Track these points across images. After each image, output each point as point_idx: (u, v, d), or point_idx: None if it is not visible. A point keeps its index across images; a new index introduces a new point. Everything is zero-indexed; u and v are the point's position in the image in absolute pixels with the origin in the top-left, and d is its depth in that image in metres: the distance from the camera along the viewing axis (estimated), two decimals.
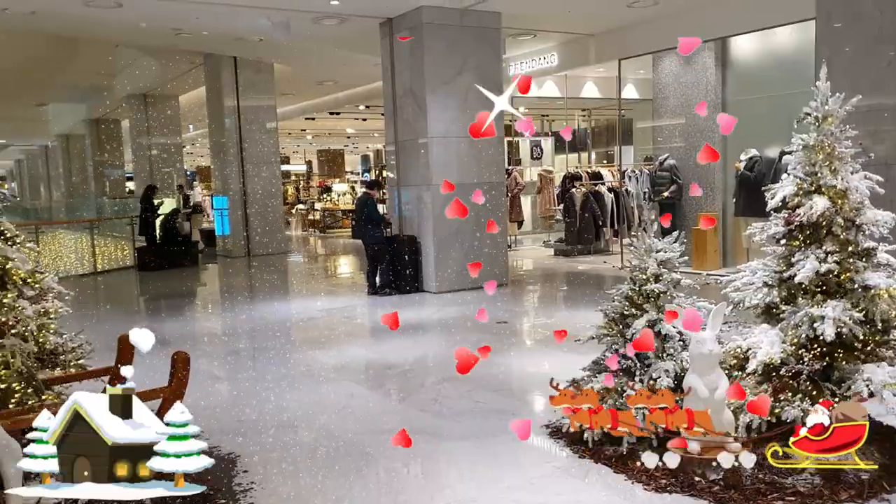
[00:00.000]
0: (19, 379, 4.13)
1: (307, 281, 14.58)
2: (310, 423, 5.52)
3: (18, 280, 4.70)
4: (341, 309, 10.73)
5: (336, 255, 19.43)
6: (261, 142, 17.35)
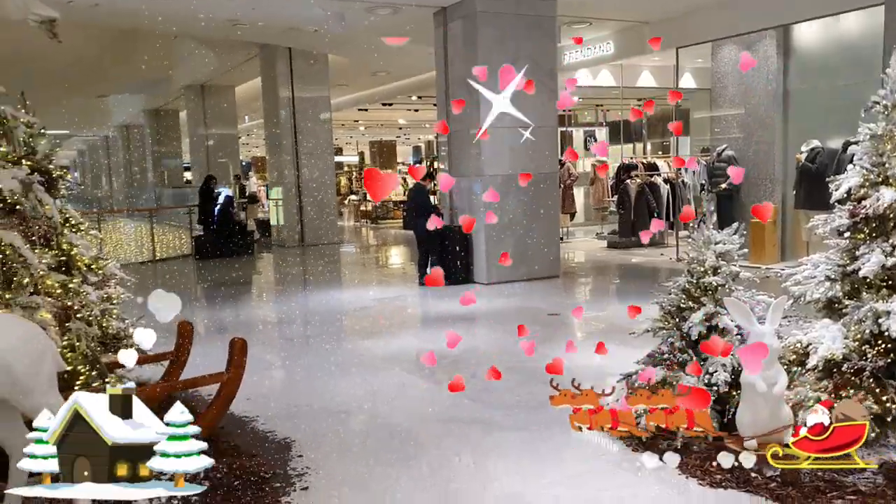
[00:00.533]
0: (84, 362, 4.26)
1: (359, 271, 14.71)
2: (361, 411, 5.57)
3: (83, 266, 4.84)
4: (392, 298, 10.79)
5: (387, 246, 19.56)
6: (315, 133, 17.53)
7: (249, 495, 4.00)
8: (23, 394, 3.23)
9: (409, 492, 4.12)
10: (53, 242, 4.57)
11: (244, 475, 4.23)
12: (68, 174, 5.15)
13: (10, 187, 3.95)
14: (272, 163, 18.27)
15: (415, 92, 21.98)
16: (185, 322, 5.38)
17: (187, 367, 5.58)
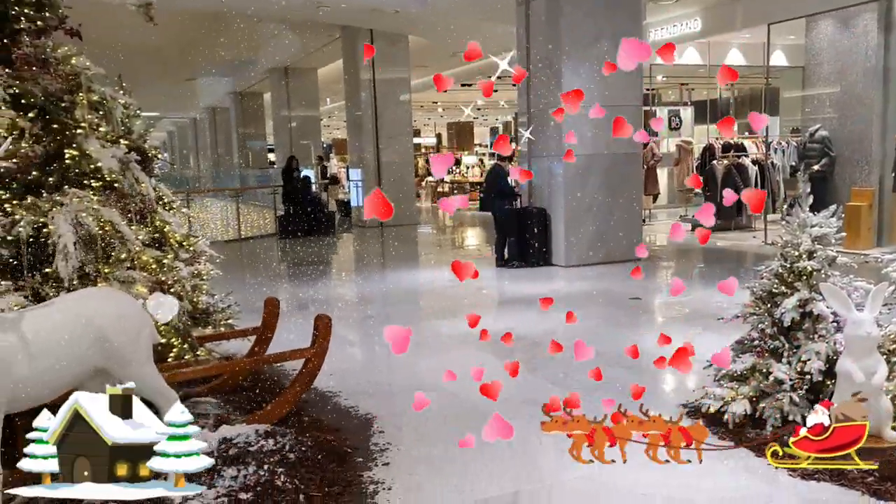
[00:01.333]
0: (176, 335, 4.42)
1: (436, 252, 14.77)
2: (440, 389, 5.56)
3: (175, 243, 5.00)
4: (470, 280, 10.78)
5: (464, 227, 19.57)
6: (394, 114, 17.64)
7: (333, 468, 4.08)
8: (121, 365, 3.37)
9: (490, 471, 4.12)
10: (148, 220, 4.74)
11: (328, 448, 4.31)
12: (160, 153, 5.33)
13: (109, 166, 4.11)
14: (352, 144, 18.49)
15: (494, 72, 21.81)
16: (272, 298, 5.52)
17: (273, 343, 5.72)
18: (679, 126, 18.60)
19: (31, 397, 3.11)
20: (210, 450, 3.99)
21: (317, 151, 23.36)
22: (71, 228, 3.78)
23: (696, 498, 3.72)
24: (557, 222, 11.23)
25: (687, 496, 3.74)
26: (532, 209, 11.48)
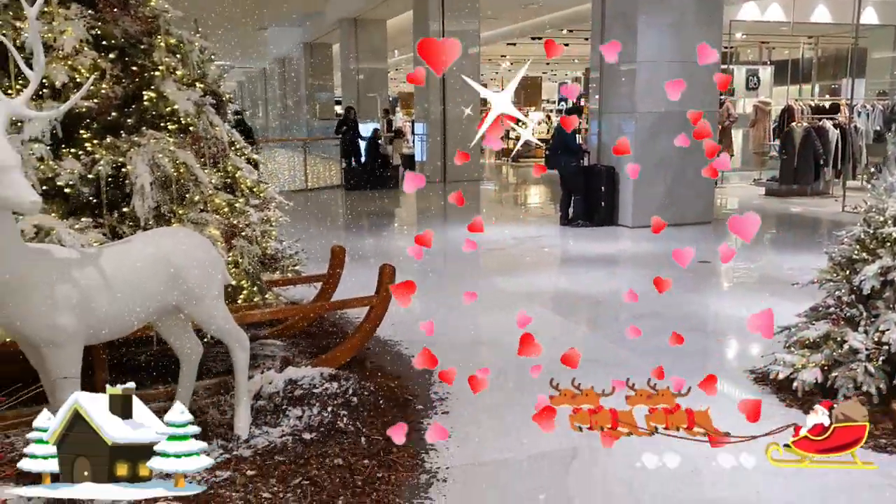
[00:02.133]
0: (246, 278, 4.50)
1: (498, 208, 14.70)
2: (500, 344, 5.61)
3: (246, 188, 5.07)
4: (532, 238, 10.72)
5: (528, 185, 19.40)
6: (462, 68, 17.43)
7: (393, 414, 4.15)
8: (194, 302, 3.47)
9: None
10: (220, 164, 4.81)
11: (389, 395, 4.38)
12: (232, 99, 5.39)
13: (185, 108, 4.18)
14: (419, 98, 18.40)
15: (566, 25, 21.33)
16: (339, 246, 5.58)
17: (337, 290, 5.80)
18: (757, 86, 17.90)
19: (110, 331, 3.23)
20: (277, 390, 4.11)
21: (383, 105, 23.34)
22: (147, 169, 3.87)
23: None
24: (626, 181, 11.01)
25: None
26: (600, 167, 11.28)
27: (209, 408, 4.09)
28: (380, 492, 3.31)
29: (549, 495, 3.35)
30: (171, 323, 3.67)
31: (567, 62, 32.72)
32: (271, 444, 3.65)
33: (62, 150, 3.95)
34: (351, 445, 3.68)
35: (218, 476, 3.33)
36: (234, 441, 3.66)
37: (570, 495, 3.40)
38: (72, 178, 3.82)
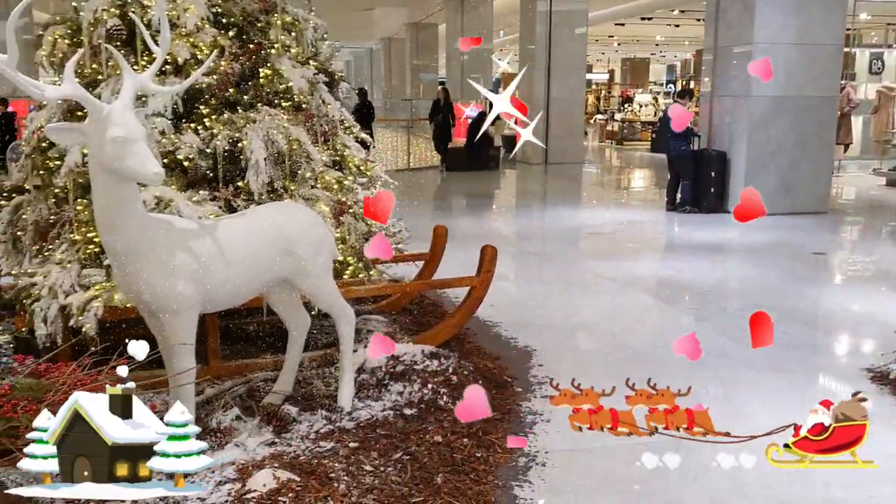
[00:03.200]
0: (353, 254, 4.58)
1: (601, 192, 14.42)
2: (602, 329, 5.51)
3: (353, 166, 5.16)
4: (635, 222, 10.47)
5: (632, 168, 18.95)
6: (568, 48, 17.15)
7: (493, 394, 4.15)
8: (304, 276, 3.56)
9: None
10: (330, 142, 4.90)
11: (487, 375, 4.38)
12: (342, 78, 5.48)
13: (299, 86, 4.28)
14: (523, 79, 18.21)
15: (678, 5, 20.61)
16: (441, 226, 5.61)
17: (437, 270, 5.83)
18: (881, 70, 16.82)
19: (224, 301, 3.36)
20: (379, 365, 4.18)
21: (486, 85, 23.26)
22: (262, 145, 3.99)
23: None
24: (737, 167, 10.57)
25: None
26: (710, 151, 10.87)
27: (314, 379, 4.21)
28: (478, 471, 3.32)
29: (644, 486, 3.27)
30: (281, 295, 3.78)
31: (678, 43, 31.67)
32: (373, 418, 3.71)
33: (182, 124, 4.11)
34: (450, 423, 3.70)
35: (322, 446, 3.41)
36: (337, 413, 3.75)
37: (668, 485, 3.31)
38: (191, 152, 3.97)
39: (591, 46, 31.27)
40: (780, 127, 10.26)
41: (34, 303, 3.75)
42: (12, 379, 2.23)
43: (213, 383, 4.10)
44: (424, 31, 28.40)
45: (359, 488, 3.10)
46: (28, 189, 4.29)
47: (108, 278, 3.71)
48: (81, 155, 3.83)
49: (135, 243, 2.93)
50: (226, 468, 3.15)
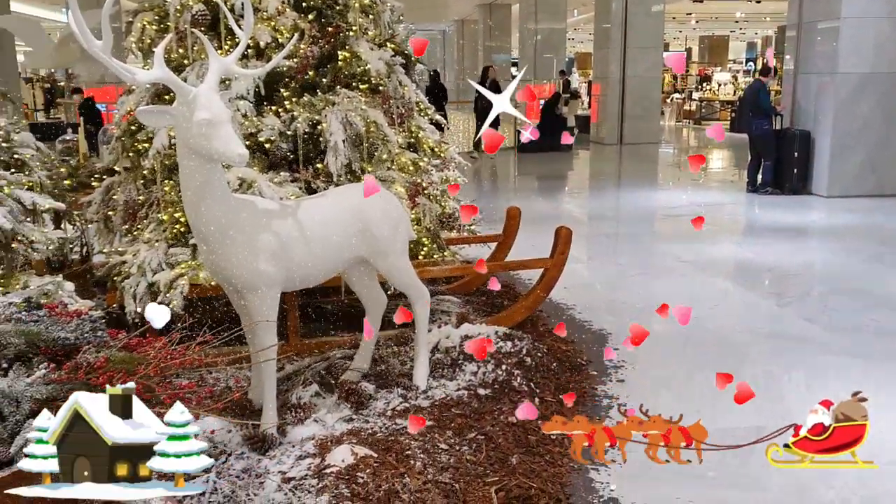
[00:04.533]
0: (427, 235, 4.62)
1: (678, 173, 14.09)
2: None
3: (427, 148, 5.18)
4: (713, 204, 10.20)
5: (710, 149, 18.43)
6: (644, 26, 16.76)
7: (567, 378, 4.13)
8: (380, 255, 3.60)
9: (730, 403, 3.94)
10: (405, 124, 4.93)
11: (562, 358, 4.36)
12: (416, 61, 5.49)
13: (376, 68, 4.31)
14: (597, 58, 17.92)
15: None
16: (514, 207, 5.58)
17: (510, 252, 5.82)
18: None
19: (304, 279, 3.43)
20: (453, 344, 4.20)
21: (559, 66, 22.94)
22: (341, 127, 4.04)
23: None
24: (822, 147, 10.16)
25: None
26: (793, 131, 10.47)
27: (390, 357, 4.27)
28: (553, 454, 3.31)
29: (718, 474, 3.20)
30: (358, 274, 3.84)
31: (758, 20, 30.54)
32: (448, 397, 3.74)
33: (264, 107, 4.20)
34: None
35: (398, 424, 3.46)
36: (412, 391, 3.79)
37: (749, 471, 3.23)
38: (272, 134, 4.06)
39: (668, 24, 30.48)
40: (868, 104, 9.81)
41: (124, 280, 3.92)
42: (107, 352, 2.32)
43: (293, 360, 4.21)
44: (497, 11, 28.11)
45: (434, 466, 3.14)
46: (118, 171, 4.47)
47: (193, 257, 3.84)
48: (168, 138, 3.96)
49: (220, 223, 3.01)
50: (306, 443, 3.24)
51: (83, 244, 5.18)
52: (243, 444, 3.19)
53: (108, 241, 4.52)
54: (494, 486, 3.04)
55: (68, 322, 2.44)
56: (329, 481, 2.91)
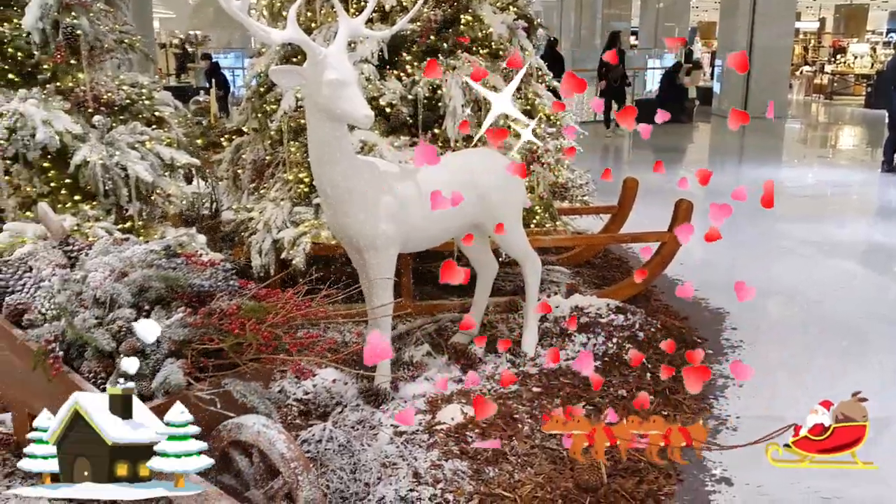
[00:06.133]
0: (540, 203, 4.59)
1: (805, 150, 13.36)
2: (802, 296, 5.16)
3: (543, 116, 5.12)
4: (842, 184, 9.63)
5: (841, 125, 17.35)
6: None
7: (681, 355, 4.03)
8: (495, 221, 3.61)
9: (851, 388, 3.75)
10: (523, 90, 4.89)
11: (676, 335, 4.26)
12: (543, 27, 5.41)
13: (499, 32, 4.29)
14: (723, 27, 17.14)
15: None
16: (632, 178, 5.46)
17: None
18: None
19: (420, 242, 3.49)
20: (563, 314, 4.19)
21: (682, 33, 22.09)
22: (460, 92, 4.05)
23: None
24: None
25: None
26: None
27: (498, 323, 4.31)
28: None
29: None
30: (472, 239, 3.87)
31: None
32: (556, 366, 3.73)
33: (386, 71, 4.26)
34: (635, 379, 3.66)
35: (506, 388, 3.50)
36: (521, 358, 3.81)
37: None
38: (393, 98, 4.12)
39: None
40: None
41: (251, 236, 4.11)
42: (238, 300, 2.45)
43: (406, 320, 4.31)
44: None
45: (542, 432, 3.16)
46: (247, 131, 4.66)
47: (316, 216, 3.97)
48: (295, 100, 4.09)
49: (344, 182, 3.10)
50: (417, 399, 3.32)
51: (213, 200, 5.45)
52: (358, 396, 3.31)
53: (237, 198, 4.74)
54: (603, 457, 3.02)
55: (203, 270, 2.59)
56: (439, 438, 2.99)
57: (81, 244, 2.75)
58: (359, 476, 2.71)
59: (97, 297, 2.36)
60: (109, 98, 3.83)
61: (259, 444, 2.20)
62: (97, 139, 3.55)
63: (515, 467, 2.90)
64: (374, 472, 2.74)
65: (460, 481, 2.76)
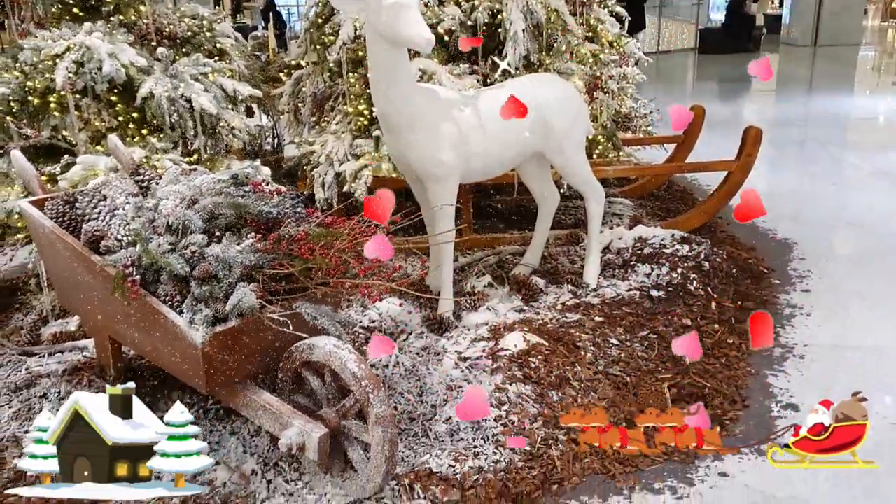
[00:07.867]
0: (603, 133, 4.50)
1: (879, 78, 12.71)
2: (881, 228, 4.97)
3: (606, 42, 4.98)
4: None
5: None
6: None
7: (747, 284, 3.97)
8: (557, 150, 3.56)
9: None
10: (584, 16, 4.75)
11: (743, 265, 4.19)
12: None
13: None
14: None
15: None
16: (699, 106, 5.29)
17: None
18: None
19: (480, 171, 3.46)
20: (626, 246, 4.14)
21: None
22: (521, 16, 3.95)
23: None
24: None
25: None
26: None
27: (560, 255, 4.29)
28: (729, 357, 3.24)
29: None
30: (533, 169, 3.83)
31: None
32: (619, 297, 3.71)
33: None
34: (700, 308, 3.61)
35: (568, 317, 3.50)
36: (583, 288, 3.80)
37: None
38: (453, 24, 4.04)
39: None
40: None
41: (313, 169, 4.14)
42: (306, 227, 2.48)
43: (466, 253, 4.32)
44: None
45: (605, 359, 3.17)
46: (306, 64, 4.65)
47: (377, 149, 3.97)
48: (354, 29, 4.06)
49: (404, 109, 3.08)
50: (480, 328, 3.35)
51: (275, 135, 5.50)
52: (422, 325, 3.35)
53: (298, 132, 4.77)
54: (667, 383, 3.03)
55: (271, 198, 2.62)
56: (503, 363, 3.02)
57: (152, 174, 2.81)
58: (426, 398, 2.76)
59: (170, 224, 2.42)
60: (172, 30, 3.86)
61: (331, 363, 2.26)
62: (161, 72, 3.59)
63: (579, 392, 2.92)
64: (440, 395, 2.79)
65: (524, 404, 2.80)
